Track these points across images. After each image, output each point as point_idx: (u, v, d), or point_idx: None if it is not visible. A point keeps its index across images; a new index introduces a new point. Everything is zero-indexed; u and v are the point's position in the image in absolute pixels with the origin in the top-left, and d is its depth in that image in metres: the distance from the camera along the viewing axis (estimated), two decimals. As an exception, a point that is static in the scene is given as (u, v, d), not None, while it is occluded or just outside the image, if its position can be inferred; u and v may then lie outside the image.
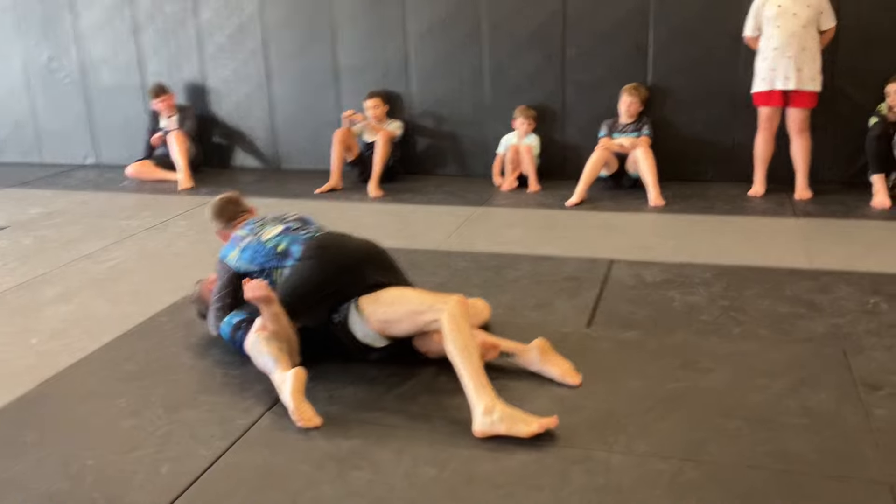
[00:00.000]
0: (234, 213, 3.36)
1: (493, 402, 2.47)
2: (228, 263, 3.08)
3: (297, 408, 2.58)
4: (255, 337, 2.86)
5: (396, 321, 2.79)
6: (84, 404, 2.80)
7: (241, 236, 3.12)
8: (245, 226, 3.20)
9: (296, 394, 2.61)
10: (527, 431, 2.41)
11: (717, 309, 3.44)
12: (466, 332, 2.62)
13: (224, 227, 3.36)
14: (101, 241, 4.80)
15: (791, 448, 2.37)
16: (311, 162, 6.61)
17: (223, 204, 3.39)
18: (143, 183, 6.42)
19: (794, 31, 4.95)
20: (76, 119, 7.19)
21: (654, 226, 4.80)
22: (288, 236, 3.02)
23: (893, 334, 3.12)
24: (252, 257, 3.02)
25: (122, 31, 6.80)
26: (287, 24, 6.37)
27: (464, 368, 2.55)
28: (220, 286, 3.11)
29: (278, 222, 3.13)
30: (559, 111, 5.95)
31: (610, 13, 5.64)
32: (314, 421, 2.57)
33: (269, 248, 3.00)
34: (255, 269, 3.00)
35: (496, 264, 4.11)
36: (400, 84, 6.24)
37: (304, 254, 2.93)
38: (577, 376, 2.80)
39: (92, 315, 3.64)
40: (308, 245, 2.95)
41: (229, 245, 3.13)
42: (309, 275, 2.89)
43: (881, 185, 5.02)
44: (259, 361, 2.81)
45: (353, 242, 3.05)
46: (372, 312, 2.82)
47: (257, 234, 3.08)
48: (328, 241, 2.99)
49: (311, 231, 3.06)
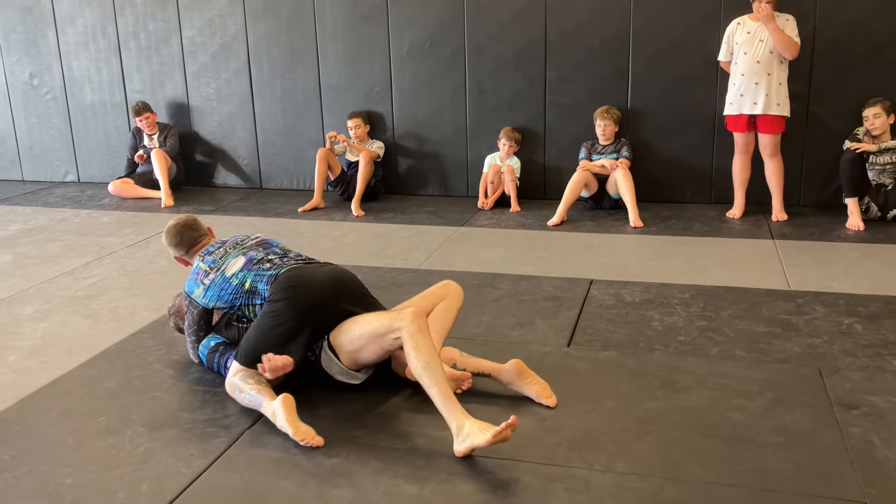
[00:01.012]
0: (193, 240, 3.21)
1: (462, 421, 2.48)
2: (195, 300, 3.03)
3: (296, 431, 2.59)
4: (232, 380, 2.85)
5: (362, 348, 2.78)
6: (63, 422, 2.78)
7: (203, 271, 3.02)
8: (205, 256, 3.09)
9: (290, 419, 2.62)
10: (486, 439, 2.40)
11: (695, 329, 3.48)
12: (426, 348, 2.60)
13: (184, 254, 3.23)
14: (82, 259, 4.78)
15: (768, 467, 2.40)
16: (293, 181, 6.64)
17: (181, 230, 3.21)
18: (125, 201, 6.40)
19: (760, 57, 5.04)
20: (57, 136, 7.17)
21: (634, 246, 4.85)
22: (252, 272, 2.92)
23: (868, 355, 3.17)
24: (219, 295, 2.96)
25: (105, 49, 6.81)
26: (271, 43, 6.40)
27: (430, 388, 2.56)
28: (190, 321, 3.08)
29: (239, 252, 3.03)
30: (540, 133, 6.01)
31: (591, 38, 5.72)
32: (317, 440, 2.58)
33: (234, 284, 2.93)
34: (225, 306, 2.97)
35: (477, 283, 4.13)
36: (382, 104, 6.28)
37: (273, 295, 2.83)
38: (553, 397, 2.81)
39: (71, 332, 3.62)
40: (275, 285, 2.85)
41: (193, 281, 3.04)
42: (280, 321, 2.79)
43: (855, 207, 5.11)
44: (243, 400, 2.79)
45: (320, 276, 2.90)
46: (339, 346, 2.81)
47: (221, 269, 2.99)
48: (295, 279, 2.85)
49: (275, 264, 2.94)
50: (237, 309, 2.96)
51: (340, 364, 2.84)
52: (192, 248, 3.21)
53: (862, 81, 5.32)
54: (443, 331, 2.98)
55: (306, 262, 3.00)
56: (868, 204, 5.19)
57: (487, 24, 5.90)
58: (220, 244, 3.15)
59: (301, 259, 3.04)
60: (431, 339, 2.66)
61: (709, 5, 5.48)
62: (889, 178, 5.13)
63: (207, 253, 3.10)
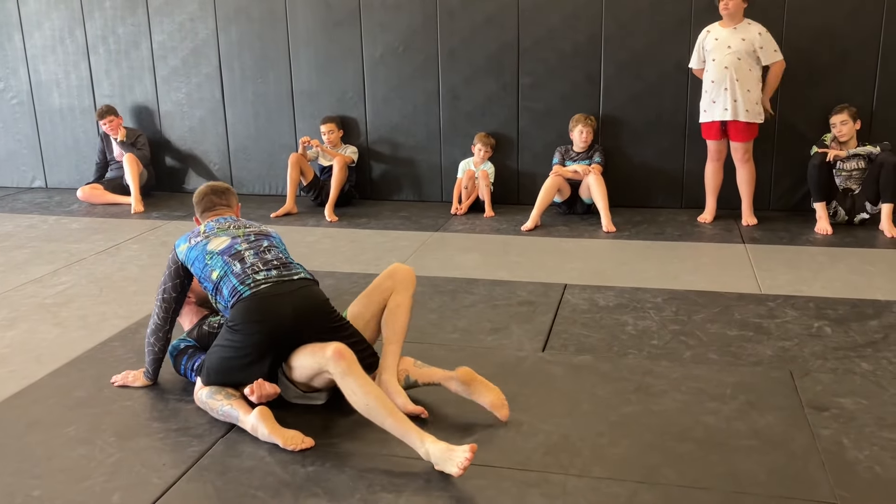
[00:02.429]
0: (211, 204, 3.15)
1: (425, 448, 2.42)
2: (178, 255, 2.94)
3: (284, 439, 2.58)
4: (199, 395, 2.82)
5: (311, 378, 2.74)
6: (31, 433, 2.72)
7: (199, 231, 2.99)
8: (212, 221, 3.05)
9: (273, 429, 2.60)
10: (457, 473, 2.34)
11: (668, 333, 3.51)
12: (360, 388, 2.53)
13: (199, 214, 3.18)
14: (50, 266, 4.70)
15: (742, 470, 2.42)
16: (265, 186, 6.60)
17: (206, 192, 3.18)
18: (94, 207, 6.31)
19: (727, 63, 5.09)
20: (24, 141, 7.06)
21: (607, 251, 4.88)
22: (226, 265, 2.82)
23: (837, 357, 3.21)
24: (193, 262, 2.89)
25: (73, 52, 6.72)
26: (242, 48, 6.36)
27: (382, 424, 2.51)
28: (166, 277, 2.96)
29: (230, 234, 2.95)
30: (514, 138, 6.03)
31: (563, 43, 5.75)
32: (307, 442, 2.58)
33: (206, 263, 2.85)
34: (196, 274, 2.90)
35: (452, 288, 4.13)
36: (355, 109, 6.26)
37: (235, 323, 2.74)
38: (505, 409, 2.72)
39: (39, 341, 3.56)
40: (237, 311, 2.74)
41: (186, 236, 2.99)
42: (241, 353, 2.73)
43: (823, 212, 5.19)
44: (218, 415, 2.75)
45: (284, 308, 2.73)
46: (291, 375, 2.78)
47: (208, 238, 2.94)
48: (256, 313, 2.72)
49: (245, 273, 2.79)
50: (203, 286, 2.88)
51: (297, 389, 2.81)
52: (207, 212, 3.15)
53: (829, 88, 5.40)
54: (400, 333, 2.91)
55: (278, 281, 2.79)
56: (836, 208, 5.27)
57: (460, 29, 5.91)
58: (231, 219, 3.08)
59: (274, 274, 2.82)
60: (360, 374, 2.57)
61: (680, 12, 5.53)
62: (856, 183, 5.22)
63: (216, 221, 3.05)
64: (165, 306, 2.95)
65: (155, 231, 5.53)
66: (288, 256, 2.99)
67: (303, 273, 2.90)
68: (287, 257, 2.98)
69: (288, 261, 2.94)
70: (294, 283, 2.83)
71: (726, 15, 5.09)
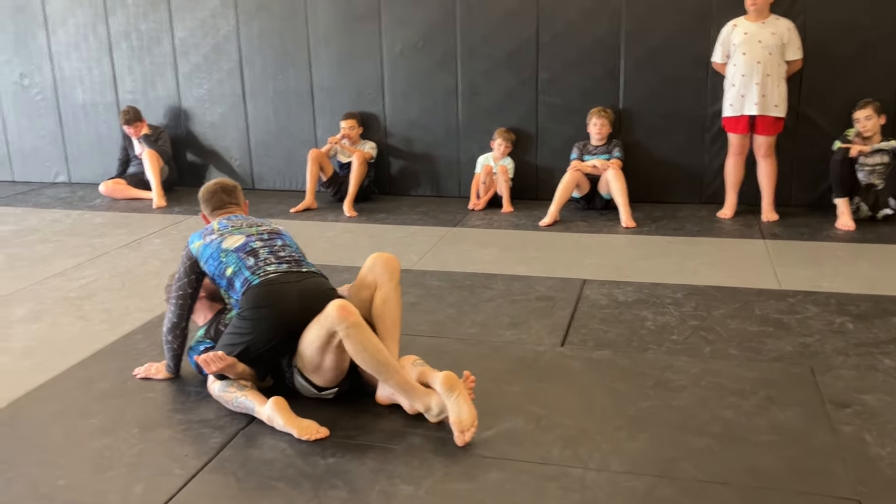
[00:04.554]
0: (221, 203, 3.20)
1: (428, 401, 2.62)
2: (192, 251, 2.97)
3: (299, 429, 2.60)
4: (212, 388, 2.84)
5: (322, 362, 2.72)
6: (55, 424, 2.77)
7: (212, 229, 3.02)
8: (223, 219, 3.08)
9: (289, 419, 2.63)
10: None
11: (687, 329, 3.49)
12: (369, 343, 2.61)
13: (209, 212, 3.23)
14: (74, 259, 4.76)
15: (761, 465, 2.41)
16: (285, 182, 6.63)
17: (215, 189, 3.22)
18: (116, 201, 6.38)
19: (759, 58, 5.07)
20: (48, 136, 7.14)
21: (626, 246, 4.87)
22: (240, 261, 2.87)
23: (860, 353, 3.19)
24: (207, 259, 2.93)
25: (96, 49, 6.79)
26: (263, 44, 6.39)
27: (387, 381, 2.65)
28: (179, 274, 2.99)
29: (244, 233, 2.99)
30: (532, 133, 6.02)
31: (582, 39, 5.74)
32: (322, 432, 2.61)
33: (220, 261, 2.89)
34: (209, 273, 2.94)
35: (470, 283, 4.14)
36: (375, 105, 6.28)
37: (242, 311, 2.79)
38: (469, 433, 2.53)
39: (63, 334, 3.61)
40: (245, 298, 2.79)
41: (200, 233, 3.02)
42: (246, 338, 2.76)
43: (845, 207, 5.14)
44: (233, 407, 2.78)
45: (291, 293, 2.77)
46: (304, 367, 2.79)
47: (223, 236, 2.97)
48: (263, 298, 2.76)
49: (258, 265, 2.85)
50: (216, 283, 2.93)
51: (310, 387, 2.82)
52: (217, 210, 3.20)
53: (851, 82, 5.35)
54: (392, 328, 2.89)
55: (287, 272, 2.85)
56: (858, 204, 5.22)
57: (479, 24, 5.91)
58: (242, 217, 3.13)
59: (284, 266, 2.88)
60: (367, 329, 2.63)
61: (700, 6, 5.50)
62: (879, 178, 5.16)
63: (227, 219, 3.09)
64: (181, 303, 2.98)
65: (177, 226, 5.58)
66: (300, 254, 3.05)
67: (313, 269, 2.96)
68: (299, 255, 3.03)
69: (299, 258, 3.00)
70: (302, 273, 2.89)
71: (754, 10, 5.07)
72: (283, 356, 2.86)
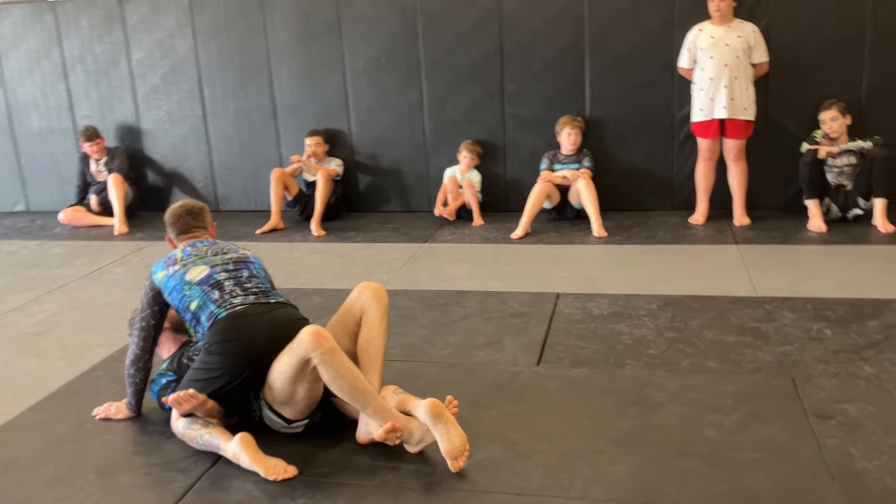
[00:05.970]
0: (187, 226, 3.07)
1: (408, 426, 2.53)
2: (155, 282, 2.86)
3: (266, 468, 2.48)
4: (176, 426, 2.71)
5: (294, 393, 2.62)
6: (7, 474, 2.62)
7: (175, 258, 2.90)
8: (188, 247, 2.96)
9: (255, 457, 2.51)
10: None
11: (664, 341, 3.42)
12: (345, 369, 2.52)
13: (174, 236, 3.11)
14: (31, 293, 4.59)
15: (748, 485, 2.33)
16: (251, 202, 6.50)
17: (181, 213, 3.09)
18: (77, 229, 6.20)
19: (727, 61, 5.05)
20: (4, 164, 6.94)
21: (599, 257, 4.80)
22: (204, 295, 2.76)
23: (840, 360, 3.14)
24: (171, 291, 2.82)
25: (51, 73, 6.61)
26: (222, 63, 6.27)
27: (364, 410, 2.56)
28: (142, 306, 2.87)
29: (209, 262, 2.88)
30: (500, 145, 5.95)
31: (547, 48, 5.68)
32: (290, 471, 2.49)
33: (184, 294, 2.78)
34: (173, 304, 2.83)
35: (443, 302, 4.04)
36: (339, 121, 6.17)
37: (209, 345, 2.68)
38: (461, 460, 2.45)
39: (18, 374, 3.45)
40: (212, 332, 2.69)
41: (163, 263, 2.90)
42: (214, 374, 2.64)
43: (816, 209, 5.12)
44: (198, 445, 2.65)
45: (260, 326, 2.67)
46: (274, 400, 2.67)
47: (186, 266, 2.86)
48: (230, 331, 2.66)
49: (223, 299, 2.75)
50: (181, 314, 2.81)
51: (279, 420, 2.70)
52: (183, 234, 3.07)
53: (817, 83, 5.33)
54: (375, 362, 2.78)
55: (254, 303, 2.75)
56: (828, 205, 5.20)
57: (442, 37, 5.83)
58: (208, 243, 3.00)
59: (251, 298, 2.78)
60: (341, 355, 2.53)
61: (663, 11, 5.46)
62: (847, 179, 5.15)
63: (192, 245, 2.97)
64: (144, 335, 2.86)
65: (139, 253, 5.42)
66: (267, 285, 2.93)
67: (281, 299, 2.85)
68: (266, 286, 2.91)
69: (266, 289, 2.89)
70: (271, 304, 2.79)
71: (718, 15, 5.05)
72: (252, 390, 2.74)
